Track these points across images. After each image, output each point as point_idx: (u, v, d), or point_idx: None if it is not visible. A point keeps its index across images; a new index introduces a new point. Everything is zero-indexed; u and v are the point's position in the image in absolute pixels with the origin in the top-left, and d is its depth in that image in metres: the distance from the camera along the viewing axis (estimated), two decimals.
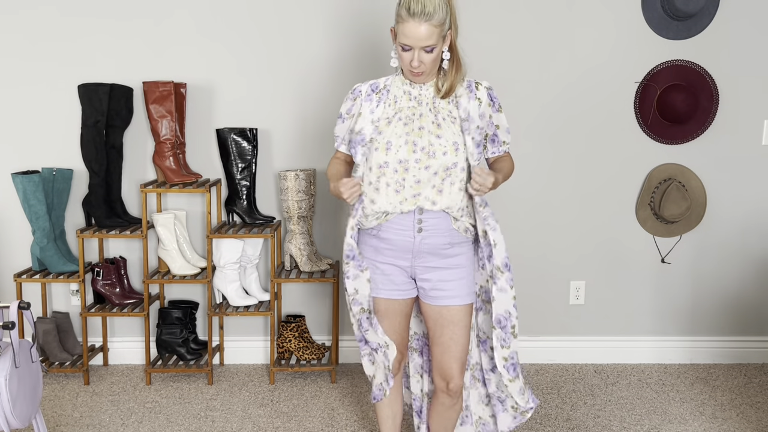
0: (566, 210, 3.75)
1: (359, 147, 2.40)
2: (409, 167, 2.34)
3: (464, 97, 2.41)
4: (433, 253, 2.42)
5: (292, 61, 3.63)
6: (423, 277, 2.46)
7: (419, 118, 2.37)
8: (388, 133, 2.36)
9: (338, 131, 2.53)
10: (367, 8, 3.58)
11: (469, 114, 2.39)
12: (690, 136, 3.67)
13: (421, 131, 2.35)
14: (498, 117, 2.47)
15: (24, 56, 3.59)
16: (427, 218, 2.38)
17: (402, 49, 2.30)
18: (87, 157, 3.52)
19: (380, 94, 2.43)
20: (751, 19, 3.61)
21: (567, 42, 3.62)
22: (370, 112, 2.41)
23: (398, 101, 2.41)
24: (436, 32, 2.25)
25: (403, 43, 2.28)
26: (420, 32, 2.23)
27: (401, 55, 2.32)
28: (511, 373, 2.47)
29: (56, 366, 3.55)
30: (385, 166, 2.35)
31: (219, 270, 3.59)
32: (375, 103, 2.42)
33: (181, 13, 3.58)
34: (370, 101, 2.43)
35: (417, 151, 2.33)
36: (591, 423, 3.16)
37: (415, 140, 2.34)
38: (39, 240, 3.51)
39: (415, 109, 2.39)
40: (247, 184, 3.59)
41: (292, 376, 3.63)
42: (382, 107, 2.41)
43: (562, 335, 3.83)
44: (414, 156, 2.33)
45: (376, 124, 2.39)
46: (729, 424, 3.16)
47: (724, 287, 3.81)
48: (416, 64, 2.29)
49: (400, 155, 2.34)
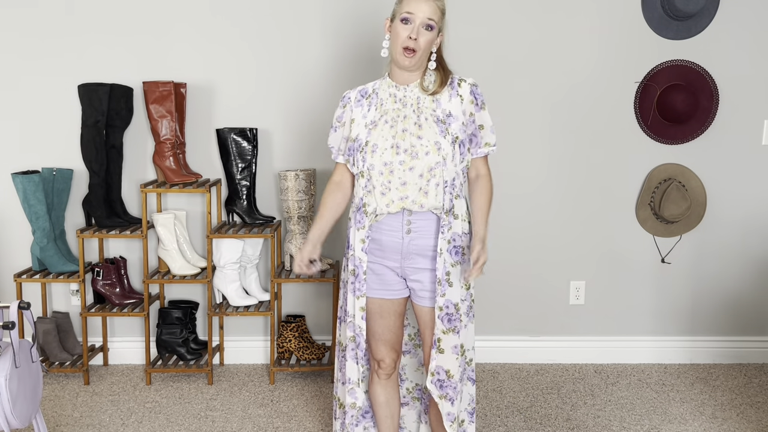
0: (566, 210, 3.75)
1: (358, 154, 2.40)
2: (393, 169, 2.34)
3: (445, 95, 2.40)
4: (422, 254, 2.40)
5: (292, 61, 3.63)
6: (413, 278, 2.45)
7: (403, 120, 2.37)
8: (375, 136, 2.37)
9: (332, 141, 2.53)
10: (366, 9, 3.58)
11: (450, 112, 2.38)
12: (690, 136, 3.67)
13: (404, 133, 2.35)
14: (481, 116, 2.43)
15: (24, 56, 3.59)
16: (415, 219, 2.38)
17: (402, 22, 2.30)
18: (87, 157, 3.52)
19: (370, 99, 2.44)
20: (751, 19, 3.61)
21: (567, 42, 3.62)
22: (363, 117, 2.42)
23: (384, 104, 2.42)
24: (437, 12, 2.32)
25: (406, 13, 2.30)
26: (424, 5, 2.29)
27: (398, 32, 2.31)
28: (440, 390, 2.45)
29: (56, 366, 3.55)
30: (372, 169, 2.35)
31: (219, 270, 3.59)
32: (366, 108, 2.43)
33: (182, 14, 3.58)
34: (361, 107, 2.44)
35: (400, 153, 2.33)
36: (591, 423, 3.16)
37: (399, 143, 2.34)
38: (39, 240, 3.51)
39: (399, 111, 2.39)
40: (247, 184, 3.59)
41: (292, 376, 3.63)
42: (372, 111, 2.42)
43: (562, 335, 3.83)
44: (398, 158, 2.33)
45: (368, 128, 2.40)
46: (729, 424, 3.16)
47: (724, 287, 3.81)
48: (414, 36, 2.29)
49: (384, 158, 2.34)
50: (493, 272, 3.76)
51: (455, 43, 3.49)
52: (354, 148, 2.41)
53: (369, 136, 2.38)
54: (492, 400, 3.37)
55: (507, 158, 3.69)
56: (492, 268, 3.76)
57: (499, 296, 3.80)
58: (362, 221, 2.41)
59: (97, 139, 3.49)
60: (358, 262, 2.41)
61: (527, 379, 3.62)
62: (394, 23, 2.34)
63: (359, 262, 2.41)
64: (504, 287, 3.78)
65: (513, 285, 3.80)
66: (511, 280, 3.79)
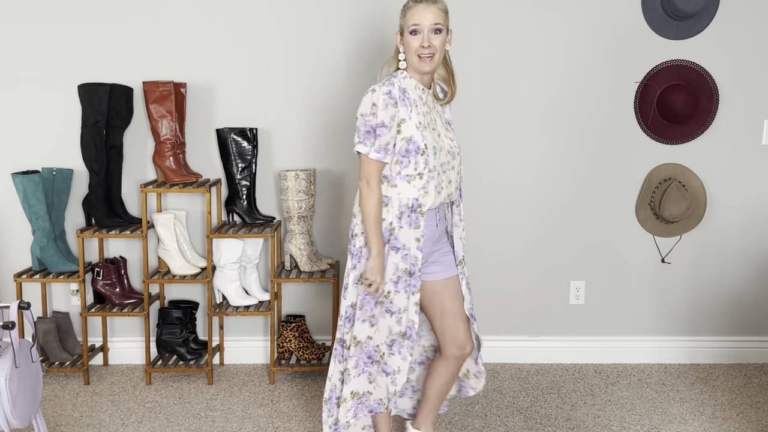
0: (566, 210, 3.75)
1: (415, 156, 2.44)
2: (446, 170, 2.51)
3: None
4: (442, 238, 2.64)
5: (292, 61, 3.63)
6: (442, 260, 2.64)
7: (435, 123, 2.54)
8: (429, 138, 2.47)
9: (382, 141, 2.43)
10: (367, 9, 3.58)
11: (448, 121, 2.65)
12: (690, 136, 3.67)
13: (440, 137, 2.53)
14: None
15: (24, 56, 3.59)
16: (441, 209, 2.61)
17: (411, 34, 2.43)
18: (87, 157, 3.52)
19: (405, 99, 2.48)
20: (751, 19, 3.61)
21: (567, 42, 3.62)
22: (409, 118, 2.46)
23: (418, 105, 2.50)
24: (442, 15, 2.44)
25: (413, 25, 2.42)
26: (428, 13, 2.41)
27: (410, 43, 2.44)
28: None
29: (56, 366, 3.55)
30: (434, 170, 2.47)
31: (219, 270, 3.59)
32: (409, 109, 2.47)
33: (182, 13, 3.58)
34: (405, 106, 2.47)
35: (446, 154, 2.52)
36: (591, 423, 3.16)
37: (442, 144, 2.51)
38: (39, 240, 3.51)
39: (428, 113, 2.53)
40: (247, 184, 3.59)
41: (292, 376, 3.63)
42: (414, 112, 2.47)
43: (562, 335, 3.83)
44: (445, 159, 2.51)
45: (420, 130, 2.46)
46: (729, 424, 3.16)
47: (724, 287, 3.81)
48: (426, 43, 2.41)
49: (440, 159, 2.49)
50: (493, 272, 3.76)
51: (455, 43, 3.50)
52: (410, 149, 2.44)
53: (425, 139, 2.45)
54: (492, 400, 3.37)
55: (507, 158, 3.69)
56: (492, 269, 3.77)
57: (499, 296, 3.80)
58: (417, 221, 2.49)
59: (97, 139, 3.49)
60: (414, 260, 2.50)
61: (527, 379, 3.62)
62: (405, 37, 2.46)
63: (415, 260, 2.50)
64: (504, 287, 3.78)
65: (513, 285, 3.80)
66: (511, 280, 3.79)
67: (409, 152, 2.44)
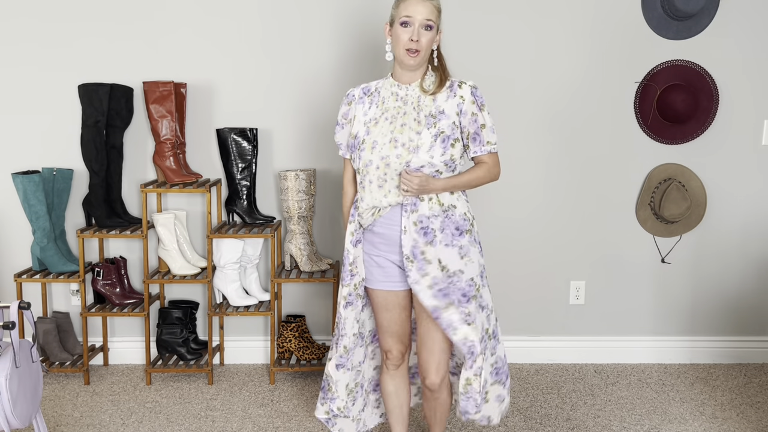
0: (566, 210, 3.75)
1: (357, 151, 2.49)
2: (390, 162, 2.42)
3: (443, 95, 2.47)
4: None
5: (293, 61, 3.63)
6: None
7: (402, 116, 2.46)
8: (375, 132, 2.46)
9: (339, 138, 2.63)
10: (366, 10, 3.58)
11: (443, 110, 2.44)
12: (690, 136, 3.67)
13: (403, 128, 2.44)
14: (482, 116, 2.49)
15: (24, 56, 3.59)
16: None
17: (401, 25, 2.40)
18: (87, 157, 3.52)
19: (371, 97, 2.54)
20: (751, 19, 3.61)
21: (567, 42, 3.62)
22: (363, 115, 2.52)
23: (386, 101, 2.51)
24: (434, 11, 2.41)
25: (405, 17, 2.39)
26: (421, 8, 2.38)
27: (399, 35, 2.41)
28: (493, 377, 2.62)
29: (56, 366, 3.55)
30: (369, 164, 2.44)
31: (219, 270, 3.59)
32: (367, 106, 2.53)
33: (182, 14, 3.58)
34: (363, 104, 2.54)
35: (398, 147, 2.42)
36: (591, 423, 3.16)
37: (397, 137, 2.43)
38: (39, 240, 3.51)
39: (400, 108, 2.48)
40: (247, 184, 3.59)
41: (292, 376, 3.64)
42: (373, 109, 2.51)
43: (562, 335, 3.83)
44: (395, 152, 2.41)
45: (367, 126, 2.49)
46: (729, 424, 3.16)
47: (724, 287, 3.81)
48: (415, 38, 2.38)
49: (382, 152, 2.42)
50: (493, 272, 3.76)
51: (455, 42, 3.50)
52: (353, 145, 2.51)
53: (368, 134, 2.47)
54: None
55: (507, 158, 3.68)
56: (492, 269, 3.77)
57: (499, 296, 3.79)
58: (353, 215, 2.54)
59: (98, 139, 3.49)
60: (346, 253, 2.55)
61: (527, 379, 3.62)
62: (394, 27, 2.44)
63: (347, 254, 2.55)
64: (504, 287, 3.78)
65: (513, 285, 3.80)
66: (511, 280, 3.79)
67: (353, 147, 2.51)
